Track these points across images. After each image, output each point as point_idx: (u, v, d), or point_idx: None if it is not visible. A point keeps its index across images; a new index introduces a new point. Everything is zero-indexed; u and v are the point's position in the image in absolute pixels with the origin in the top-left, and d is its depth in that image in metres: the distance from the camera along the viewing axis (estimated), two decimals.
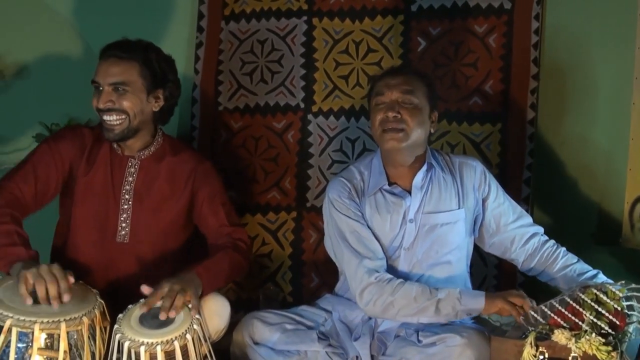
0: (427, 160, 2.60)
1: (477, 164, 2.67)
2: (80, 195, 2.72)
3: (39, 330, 2.23)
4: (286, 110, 3.27)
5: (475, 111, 3.09)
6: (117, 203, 2.71)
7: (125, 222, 2.71)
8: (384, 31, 3.20)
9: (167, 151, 2.79)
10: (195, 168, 2.79)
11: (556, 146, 3.06)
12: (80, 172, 2.72)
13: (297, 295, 3.17)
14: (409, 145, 2.52)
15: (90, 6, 3.47)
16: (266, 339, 2.50)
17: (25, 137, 3.34)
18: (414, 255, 2.56)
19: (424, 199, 2.58)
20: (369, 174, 2.63)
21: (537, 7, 3.05)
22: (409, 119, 2.50)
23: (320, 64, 3.25)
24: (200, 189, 2.78)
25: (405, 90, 2.52)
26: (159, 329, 2.32)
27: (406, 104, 2.51)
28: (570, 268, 2.53)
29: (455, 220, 2.58)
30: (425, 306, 2.42)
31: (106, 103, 2.62)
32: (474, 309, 2.41)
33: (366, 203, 2.59)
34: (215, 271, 2.57)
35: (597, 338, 2.12)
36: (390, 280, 2.46)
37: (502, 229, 2.63)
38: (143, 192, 2.73)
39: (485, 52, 3.09)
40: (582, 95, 3.04)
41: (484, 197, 2.62)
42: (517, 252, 2.61)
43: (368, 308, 2.49)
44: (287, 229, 3.23)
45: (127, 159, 2.75)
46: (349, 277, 2.55)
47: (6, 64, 3.45)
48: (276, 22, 3.31)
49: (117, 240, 2.70)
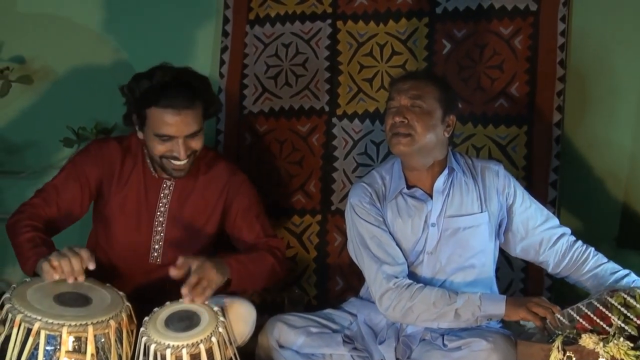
0: (448, 164, 2.59)
1: (500, 167, 2.65)
2: (114, 214, 2.71)
3: (66, 333, 2.25)
4: (311, 113, 3.28)
5: (501, 114, 3.07)
6: (150, 224, 2.71)
7: (158, 243, 2.71)
8: (408, 34, 3.19)
9: (201, 168, 2.76)
10: (228, 181, 2.78)
11: (583, 149, 3.03)
12: (113, 191, 2.71)
13: (322, 298, 3.17)
14: (418, 149, 2.52)
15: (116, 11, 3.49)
16: (291, 342, 2.50)
17: (53, 141, 3.37)
18: (437, 260, 2.56)
19: (446, 202, 2.57)
20: (390, 178, 2.63)
21: (564, 9, 3.02)
22: (417, 123, 2.50)
23: (345, 67, 3.25)
24: (233, 201, 2.76)
25: (413, 95, 2.53)
26: (184, 331, 2.34)
27: (414, 108, 2.52)
28: (601, 267, 2.51)
29: (478, 224, 2.57)
30: (445, 311, 2.42)
31: (185, 156, 2.59)
32: (494, 315, 2.40)
33: (388, 208, 2.59)
34: (246, 266, 2.58)
35: (625, 342, 2.10)
36: (409, 286, 2.46)
37: (530, 232, 2.61)
38: (177, 213, 2.72)
39: (511, 54, 3.07)
40: (608, 98, 3.01)
41: (509, 202, 2.61)
42: (546, 254, 2.59)
43: (388, 313, 2.49)
44: (311, 232, 3.23)
45: (162, 180, 2.73)
46: (369, 283, 2.56)
47: (34, 69, 3.49)
48: (300, 25, 3.31)
49: (150, 261, 2.71)
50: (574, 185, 3.01)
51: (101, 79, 3.44)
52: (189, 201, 2.74)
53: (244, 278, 2.58)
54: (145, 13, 3.46)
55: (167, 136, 2.57)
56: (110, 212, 2.72)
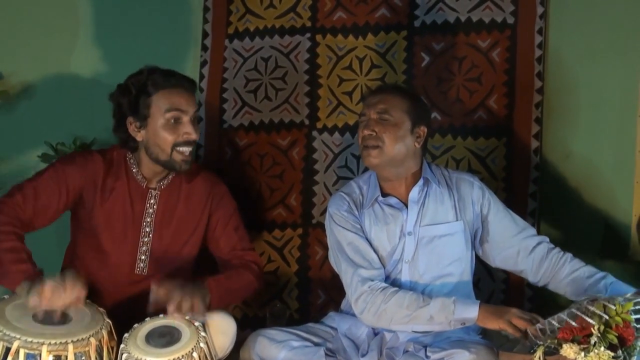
0: (423, 174, 2.64)
1: (475, 179, 2.71)
2: (100, 225, 2.68)
3: (46, 352, 2.23)
4: (291, 127, 3.28)
5: (479, 126, 3.09)
6: (137, 235, 2.70)
7: (145, 254, 2.70)
8: (387, 47, 3.21)
9: (184, 178, 2.76)
10: (211, 192, 2.79)
11: (562, 160, 3.05)
12: (97, 203, 2.68)
13: (304, 312, 3.16)
14: (388, 160, 2.58)
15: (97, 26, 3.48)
16: (273, 356, 2.49)
17: (30, 157, 3.34)
18: (415, 269, 2.59)
19: (421, 212, 2.62)
20: (367, 187, 2.69)
21: (541, 22, 3.05)
22: (384, 135, 2.57)
23: (324, 81, 3.26)
24: (215, 212, 2.78)
25: (380, 109, 2.60)
26: (165, 347, 2.32)
27: (382, 121, 2.58)
28: (578, 271, 2.53)
29: (453, 232, 2.62)
30: (418, 314, 2.45)
31: (197, 134, 2.64)
32: (467, 319, 2.42)
33: (365, 215, 2.65)
34: (225, 286, 2.59)
35: (606, 352, 2.10)
36: (383, 289, 2.50)
37: (507, 241, 2.63)
38: (163, 223, 2.72)
39: (489, 67, 3.10)
40: (587, 108, 3.03)
41: (484, 212, 2.65)
42: (524, 262, 2.61)
43: (363, 316, 2.53)
44: (293, 245, 3.22)
45: (147, 190, 2.73)
46: (346, 286, 2.60)
47: (12, 84, 3.47)
48: (280, 39, 3.32)
49: (136, 272, 2.69)
50: (553, 196, 3.03)
51: (80, 94, 3.42)
52: (175, 211, 2.74)
53: (223, 298, 2.59)
54: (124, 28, 3.46)
55: (179, 111, 2.60)
56: (97, 224, 2.69)
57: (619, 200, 2.97)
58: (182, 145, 2.63)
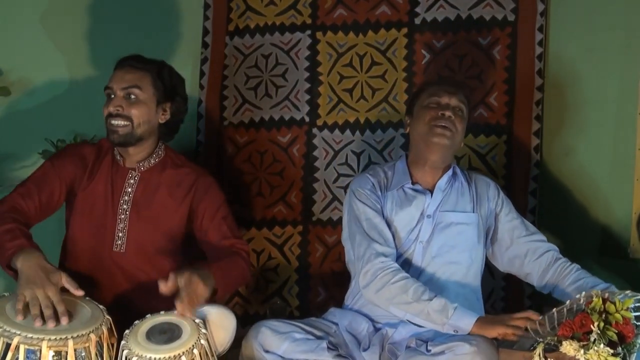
0: (452, 166, 2.76)
1: (491, 181, 2.81)
2: (79, 207, 2.78)
3: (46, 347, 2.23)
4: (291, 124, 3.28)
5: (480, 123, 3.09)
6: (114, 213, 2.76)
7: (122, 231, 2.75)
8: (387, 44, 3.21)
9: (169, 164, 2.84)
10: (195, 181, 2.83)
11: (562, 157, 3.05)
12: (82, 187, 2.78)
13: (304, 309, 3.16)
14: (451, 146, 2.68)
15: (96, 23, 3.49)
16: (275, 347, 2.50)
17: (31, 153, 3.35)
18: (429, 251, 2.64)
19: (443, 199, 2.70)
20: (392, 174, 2.77)
21: (541, 19, 3.05)
22: (459, 126, 2.69)
23: (325, 78, 3.26)
24: (200, 202, 2.81)
25: (461, 100, 2.72)
26: (166, 344, 2.32)
27: (459, 112, 2.69)
28: (582, 281, 2.55)
29: (468, 222, 2.69)
30: (417, 306, 2.46)
31: (117, 107, 2.71)
32: (460, 328, 2.43)
33: (388, 197, 2.71)
34: (227, 273, 2.62)
35: (605, 349, 2.11)
36: (395, 270, 2.54)
37: (515, 241, 2.69)
38: (141, 203, 2.77)
39: (490, 64, 3.10)
40: (587, 106, 3.03)
41: (497, 210, 2.73)
42: (531, 265, 2.65)
43: (366, 290, 2.57)
44: (293, 243, 3.23)
45: (127, 170, 2.80)
46: (357, 258, 2.64)
47: (12, 81, 3.47)
48: (280, 36, 3.32)
49: (114, 249, 2.74)
50: (553, 194, 3.03)
51: (80, 90, 3.42)
52: (155, 195, 2.79)
53: (227, 286, 2.63)
54: (124, 25, 3.46)
55: (109, 89, 2.74)
56: (83, 203, 2.78)
57: (619, 197, 2.97)
58: (110, 117, 2.73)
